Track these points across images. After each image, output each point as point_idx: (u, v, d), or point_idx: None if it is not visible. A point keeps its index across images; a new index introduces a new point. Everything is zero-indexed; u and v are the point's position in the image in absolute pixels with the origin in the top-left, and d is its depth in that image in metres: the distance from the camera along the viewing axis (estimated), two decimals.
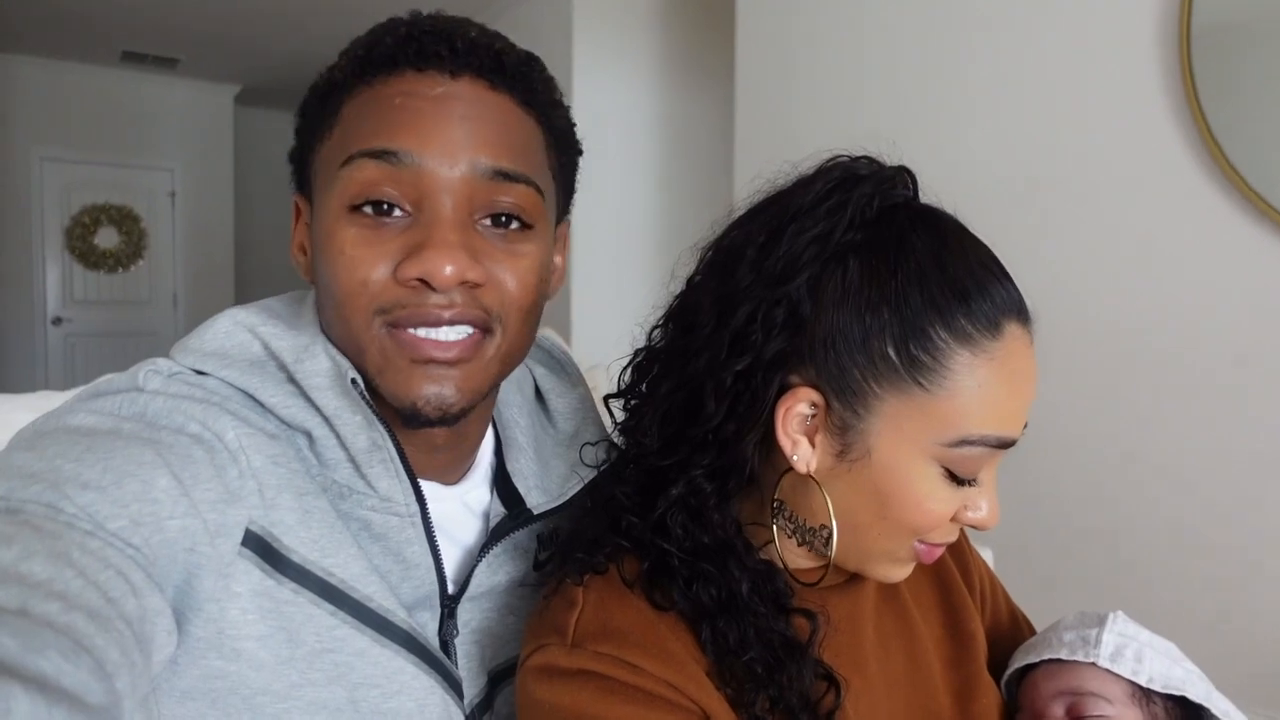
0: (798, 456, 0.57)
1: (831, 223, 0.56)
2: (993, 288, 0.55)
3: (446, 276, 0.56)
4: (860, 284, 0.55)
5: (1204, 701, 0.67)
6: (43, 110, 5.68)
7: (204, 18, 4.88)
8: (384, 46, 0.59)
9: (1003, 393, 0.55)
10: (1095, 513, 1.98)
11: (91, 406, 0.56)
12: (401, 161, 0.57)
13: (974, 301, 0.54)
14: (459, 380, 0.60)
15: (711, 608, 0.56)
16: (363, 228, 0.58)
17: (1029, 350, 0.57)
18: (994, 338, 0.54)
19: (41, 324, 5.83)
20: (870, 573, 0.62)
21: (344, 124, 0.60)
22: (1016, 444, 0.56)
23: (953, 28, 2.25)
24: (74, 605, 0.43)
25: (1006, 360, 0.55)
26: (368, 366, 0.60)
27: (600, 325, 3.39)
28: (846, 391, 0.55)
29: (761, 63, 2.82)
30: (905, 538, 0.58)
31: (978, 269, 0.56)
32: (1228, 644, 1.74)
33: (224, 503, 0.55)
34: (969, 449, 0.54)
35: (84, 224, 5.89)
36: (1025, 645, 0.75)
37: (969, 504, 0.58)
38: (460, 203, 0.58)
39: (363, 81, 0.60)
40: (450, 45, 0.59)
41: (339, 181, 0.59)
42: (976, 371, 0.54)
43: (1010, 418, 0.55)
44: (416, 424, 0.60)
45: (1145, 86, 1.89)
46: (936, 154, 2.21)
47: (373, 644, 0.59)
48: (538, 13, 3.98)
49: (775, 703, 0.55)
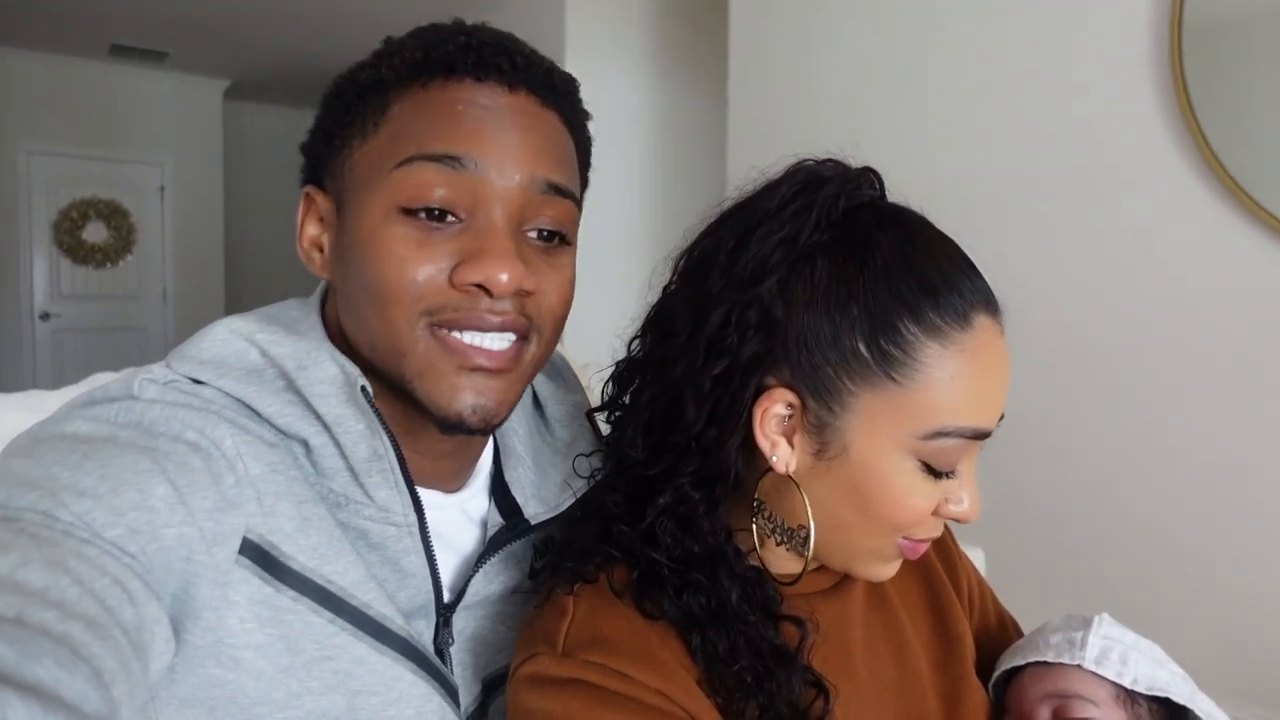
0: (776, 457, 0.58)
1: (798, 224, 0.57)
2: (960, 281, 0.56)
3: (504, 284, 0.57)
4: (829, 283, 0.56)
5: (1188, 703, 0.68)
6: (30, 103, 5.63)
7: (193, 11, 4.84)
8: (443, 52, 0.60)
9: (976, 384, 0.55)
10: (1085, 515, 1.99)
11: (88, 414, 0.56)
12: (464, 168, 0.58)
13: (941, 295, 0.55)
14: (501, 390, 0.61)
15: (701, 616, 0.57)
16: (414, 229, 0.58)
17: (999, 341, 0.57)
18: (963, 329, 0.55)
19: (29, 319, 5.78)
20: (857, 572, 0.62)
21: (394, 124, 0.60)
22: (991, 435, 0.57)
23: (945, 27, 2.26)
24: (71, 614, 0.43)
25: (978, 351, 0.55)
26: (406, 369, 0.60)
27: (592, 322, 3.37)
28: (821, 390, 0.56)
29: (753, 61, 2.82)
30: (888, 534, 0.59)
31: (944, 263, 0.57)
32: (1219, 646, 1.76)
33: (221, 511, 0.55)
34: (944, 441, 0.55)
35: (72, 218, 5.85)
36: (1012, 648, 0.76)
37: (950, 497, 0.58)
38: (513, 213, 0.59)
39: (417, 84, 0.60)
40: (510, 59, 0.60)
41: (391, 182, 0.58)
42: (948, 364, 0.54)
43: (984, 408, 0.56)
44: (457, 432, 0.61)
45: (1137, 86, 1.90)
46: (928, 154, 2.22)
47: (371, 651, 0.59)
48: (530, 10, 3.97)
49: (765, 711, 0.55)
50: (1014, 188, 2.09)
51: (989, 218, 2.08)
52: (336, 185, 0.63)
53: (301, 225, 0.66)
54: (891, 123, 2.34)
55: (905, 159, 2.42)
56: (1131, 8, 1.90)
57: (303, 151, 0.67)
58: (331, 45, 5.23)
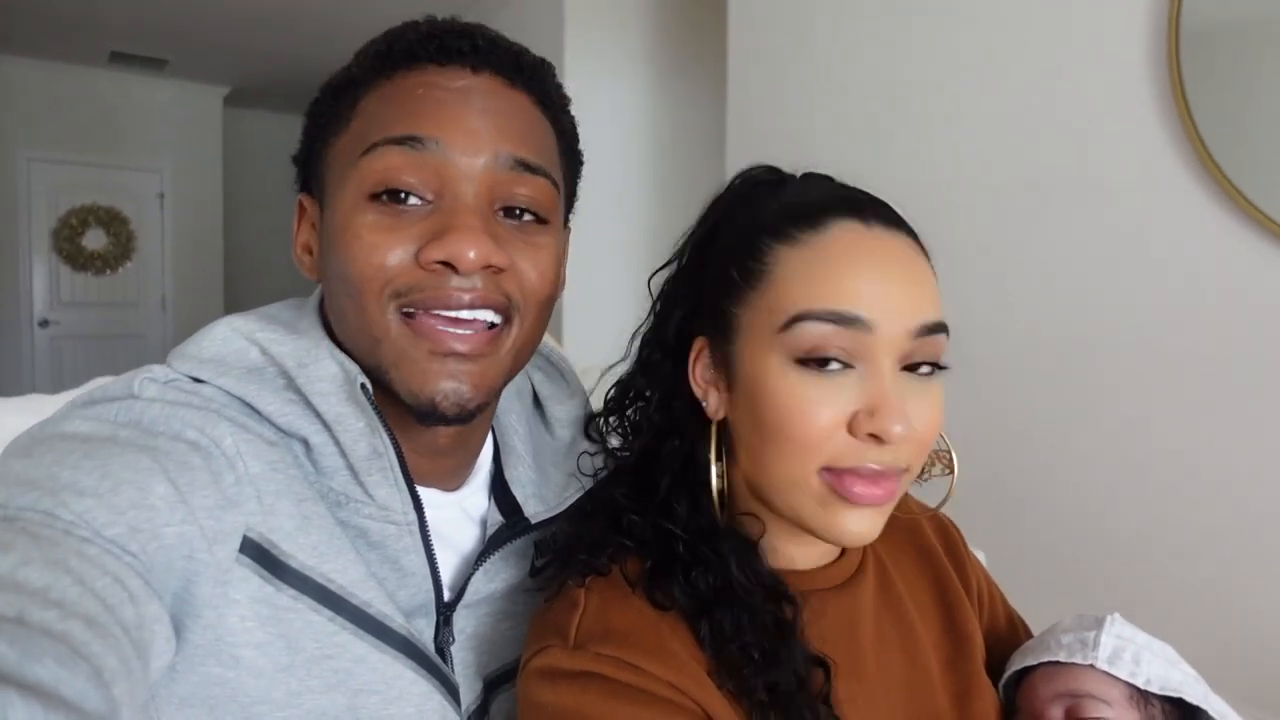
0: (708, 404, 0.62)
1: (712, 212, 0.67)
2: (814, 194, 0.61)
3: (471, 260, 0.56)
4: (722, 237, 0.64)
5: (1201, 703, 0.68)
6: (30, 111, 5.64)
7: (193, 18, 4.86)
8: (404, 42, 0.61)
9: (828, 270, 0.57)
10: (1089, 516, 1.99)
11: (88, 414, 0.55)
12: (425, 148, 0.57)
13: (794, 208, 0.60)
14: (476, 376, 0.60)
15: (708, 595, 0.57)
16: (381, 214, 0.58)
17: (868, 240, 0.58)
18: (815, 231, 0.58)
19: (28, 326, 5.78)
20: (810, 526, 0.59)
21: (362, 117, 0.60)
22: (871, 326, 0.55)
23: (942, 31, 2.26)
24: (71, 612, 0.43)
25: (831, 246, 0.57)
26: (382, 359, 0.59)
27: (592, 325, 3.39)
28: (718, 326, 0.62)
29: (753, 64, 2.82)
30: (800, 459, 0.56)
31: (811, 191, 0.62)
32: (1220, 649, 1.76)
33: (221, 509, 0.54)
34: (802, 326, 0.56)
35: (72, 225, 5.85)
36: (1023, 648, 0.75)
37: (861, 411, 0.55)
38: (482, 191, 0.59)
39: (382, 75, 0.60)
40: (472, 42, 0.60)
41: (358, 171, 0.58)
42: (794, 259, 0.58)
43: (842, 294, 0.56)
44: (432, 421, 0.60)
45: (1134, 91, 1.90)
46: (925, 156, 2.22)
47: (372, 650, 0.59)
48: (529, 14, 3.98)
49: (772, 690, 0.55)
50: (1012, 192, 2.09)
51: (988, 222, 2.08)
52: (320, 187, 0.64)
53: (295, 233, 0.67)
54: (889, 127, 2.34)
55: (902, 163, 2.43)
56: (1128, 13, 1.90)
57: (294, 161, 0.68)
58: (331, 52, 5.21)
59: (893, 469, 0.57)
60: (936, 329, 0.58)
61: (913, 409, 0.56)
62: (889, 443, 0.55)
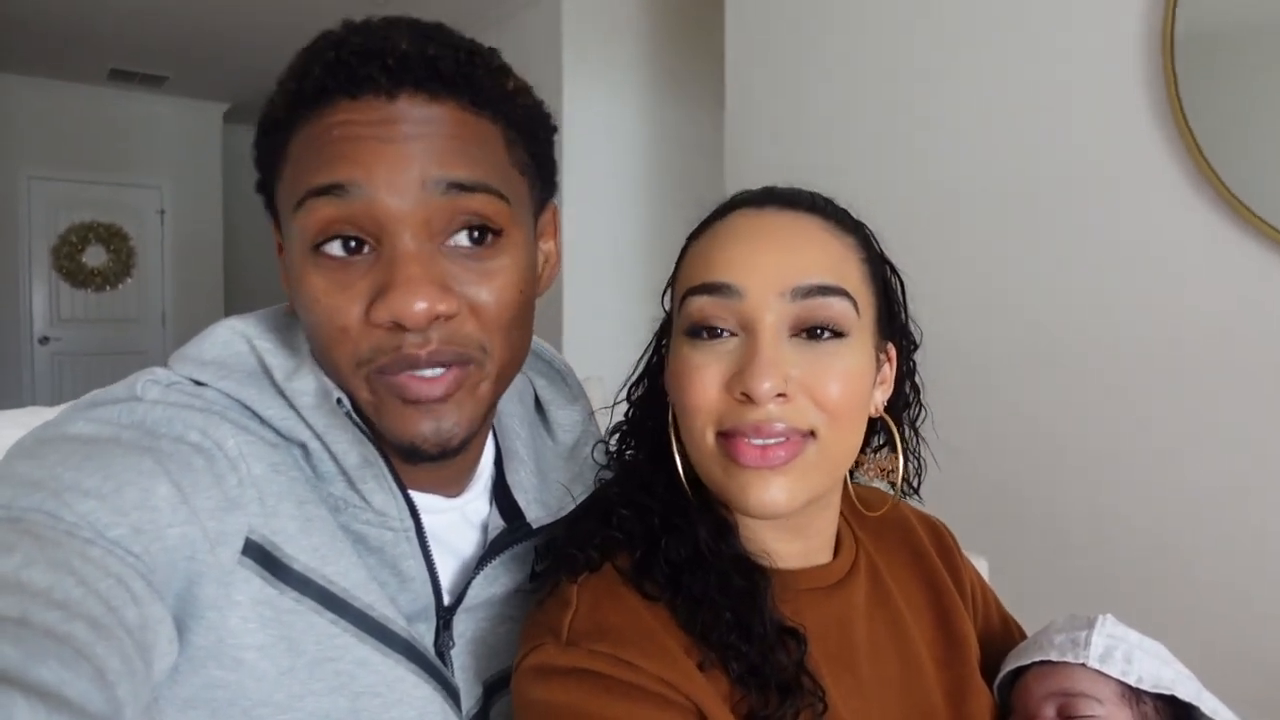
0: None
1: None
2: (744, 195, 0.66)
3: (416, 315, 0.54)
4: None
5: (1194, 700, 0.68)
6: (30, 128, 5.66)
7: (192, 35, 4.88)
8: (313, 78, 0.56)
9: (709, 247, 0.63)
10: (1086, 522, 1.99)
11: (90, 415, 0.56)
12: (350, 194, 0.54)
13: (716, 209, 0.66)
14: (454, 414, 0.58)
15: (679, 564, 0.60)
16: (330, 271, 0.56)
17: (754, 218, 0.63)
18: (720, 220, 0.64)
19: (28, 343, 5.78)
20: (721, 493, 0.61)
21: (290, 162, 0.58)
22: (742, 293, 0.59)
23: (940, 41, 2.28)
24: (75, 614, 0.43)
25: (719, 231, 0.63)
26: (362, 405, 0.59)
27: (591, 337, 3.39)
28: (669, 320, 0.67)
29: (751, 78, 2.84)
30: (697, 423, 0.60)
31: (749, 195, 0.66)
32: (1220, 652, 1.75)
33: (224, 510, 0.55)
34: (688, 302, 0.61)
35: (72, 242, 5.86)
36: (1016, 649, 0.76)
37: (736, 373, 0.58)
38: (418, 230, 0.55)
39: (300, 116, 0.57)
40: (381, 63, 0.55)
41: (297, 224, 0.56)
42: (692, 249, 0.65)
43: (714, 266, 0.61)
44: (417, 460, 0.59)
45: (1129, 95, 1.92)
46: (922, 167, 2.24)
47: (374, 653, 0.59)
48: (527, 31, 4.01)
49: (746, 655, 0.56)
50: (1010, 201, 2.10)
51: (985, 231, 2.09)
52: (278, 225, 0.63)
53: (279, 261, 0.66)
54: (887, 137, 2.35)
55: (900, 173, 2.45)
56: (1124, 19, 1.92)
57: (257, 190, 0.65)
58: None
59: (792, 431, 0.58)
60: (820, 291, 0.58)
61: (804, 372, 0.58)
62: (758, 402, 0.56)
